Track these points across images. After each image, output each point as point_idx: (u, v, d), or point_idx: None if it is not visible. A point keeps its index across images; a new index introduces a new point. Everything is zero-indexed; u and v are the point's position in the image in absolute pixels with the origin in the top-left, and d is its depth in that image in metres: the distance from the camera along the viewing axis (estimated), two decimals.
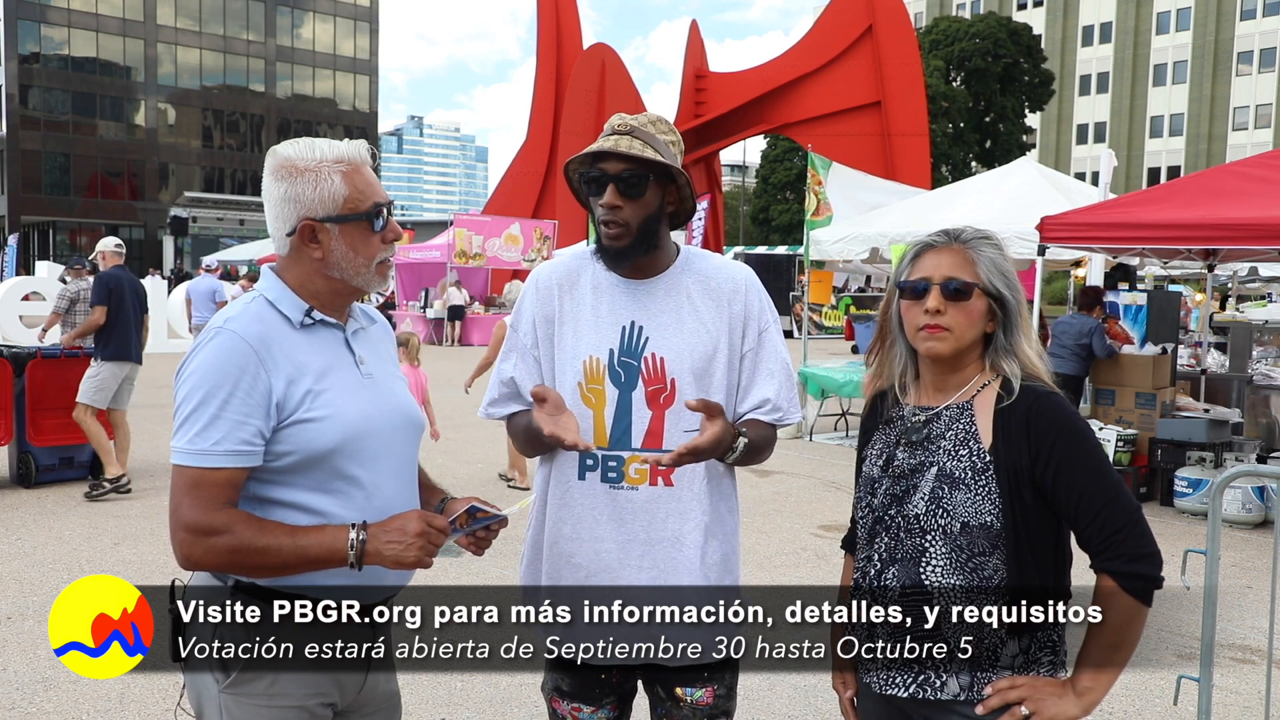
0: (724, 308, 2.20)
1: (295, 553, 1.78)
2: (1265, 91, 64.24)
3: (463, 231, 24.68)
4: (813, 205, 12.21)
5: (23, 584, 5.65)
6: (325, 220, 1.89)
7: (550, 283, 2.24)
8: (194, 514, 1.78)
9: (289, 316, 1.92)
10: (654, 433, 2.13)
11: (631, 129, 2.13)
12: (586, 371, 2.16)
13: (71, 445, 8.15)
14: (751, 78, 39.24)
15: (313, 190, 1.88)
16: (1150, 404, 8.45)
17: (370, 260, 1.93)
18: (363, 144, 1.96)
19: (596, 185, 2.12)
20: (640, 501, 2.13)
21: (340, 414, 1.88)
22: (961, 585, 1.84)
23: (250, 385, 1.82)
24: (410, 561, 1.78)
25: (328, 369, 1.91)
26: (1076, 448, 1.83)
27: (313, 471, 1.87)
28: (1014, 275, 1.95)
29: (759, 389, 2.20)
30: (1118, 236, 8.01)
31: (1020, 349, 1.92)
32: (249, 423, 1.81)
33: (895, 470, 1.94)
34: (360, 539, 1.78)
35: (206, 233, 48.11)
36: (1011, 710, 1.81)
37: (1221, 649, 4.89)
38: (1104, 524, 1.80)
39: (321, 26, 64.41)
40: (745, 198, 59.21)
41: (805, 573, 6.10)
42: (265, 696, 1.85)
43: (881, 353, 2.04)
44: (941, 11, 72.34)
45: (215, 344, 1.85)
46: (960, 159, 54.26)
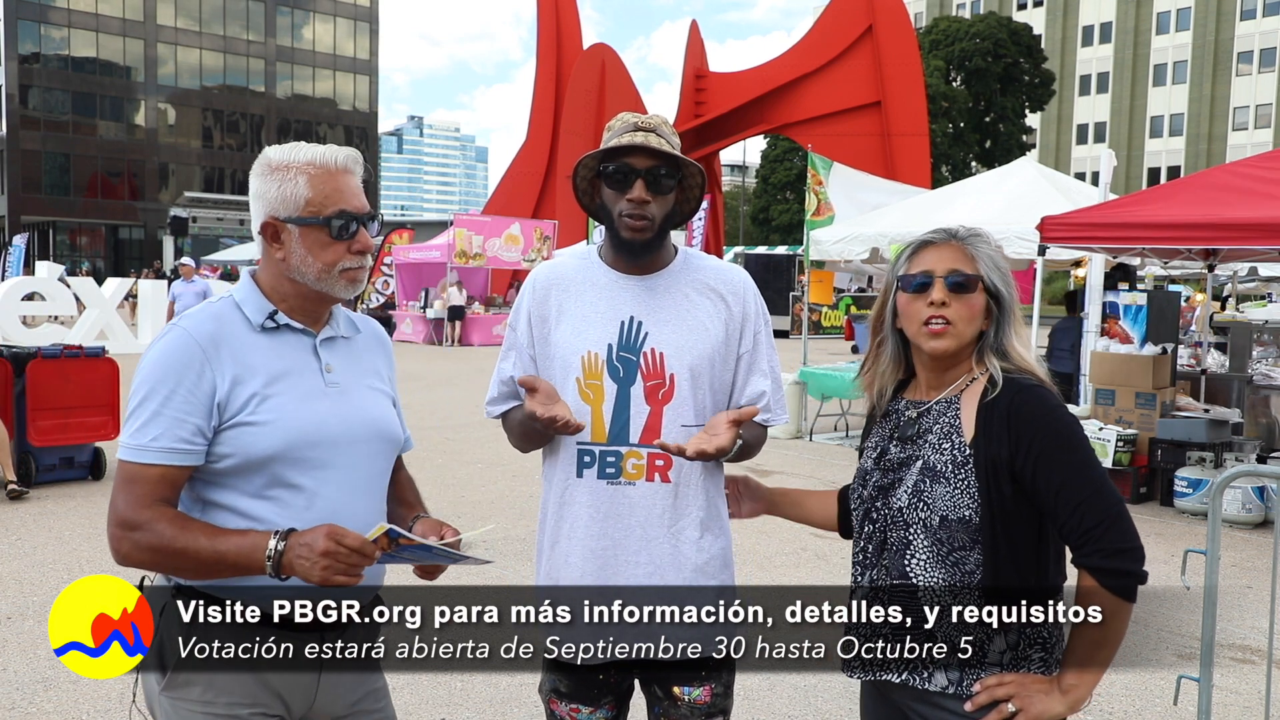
0: (723, 308, 2.22)
1: (212, 555, 1.76)
2: (1265, 91, 64.24)
3: (463, 231, 24.66)
4: (813, 205, 12.22)
5: (23, 584, 5.65)
6: (286, 220, 1.89)
7: (548, 282, 2.25)
8: (124, 508, 1.79)
9: (250, 318, 1.91)
10: (652, 428, 2.14)
11: (654, 127, 2.16)
12: (585, 366, 2.16)
13: (71, 445, 8.15)
14: (751, 78, 39.23)
15: (277, 189, 1.89)
16: (1150, 404, 8.44)
17: (331, 266, 1.90)
18: (349, 152, 1.94)
19: (620, 180, 2.13)
20: (637, 497, 2.14)
21: (285, 420, 1.86)
22: (943, 580, 1.85)
23: (194, 384, 1.81)
24: (316, 580, 1.71)
25: (282, 374, 1.89)
26: (1057, 440, 1.82)
27: (252, 476, 1.85)
28: (1010, 273, 1.96)
29: (752, 390, 2.23)
30: (1118, 236, 8.01)
31: (1012, 345, 1.93)
32: (188, 420, 1.81)
33: (886, 463, 1.96)
34: (279, 549, 1.74)
35: (206, 233, 48.11)
36: (999, 708, 1.81)
37: (1221, 649, 4.89)
38: (1083, 518, 1.79)
39: (322, 27, 64.43)
40: (745, 198, 59.21)
41: (805, 573, 6.10)
42: (200, 703, 1.84)
43: (873, 352, 2.05)
44: (941, 11, 72.34)
45: (165, 341, 1.86)
46: (960, 159, 54.26)
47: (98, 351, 8.50)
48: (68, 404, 7.76)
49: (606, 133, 2.21)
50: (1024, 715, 1.80)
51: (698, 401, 2.17)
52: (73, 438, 8.05)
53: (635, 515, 2.14)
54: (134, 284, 22.44)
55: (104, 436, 8.31)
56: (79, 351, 8.27)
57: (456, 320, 23.94)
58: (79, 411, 8.09)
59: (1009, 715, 1.80)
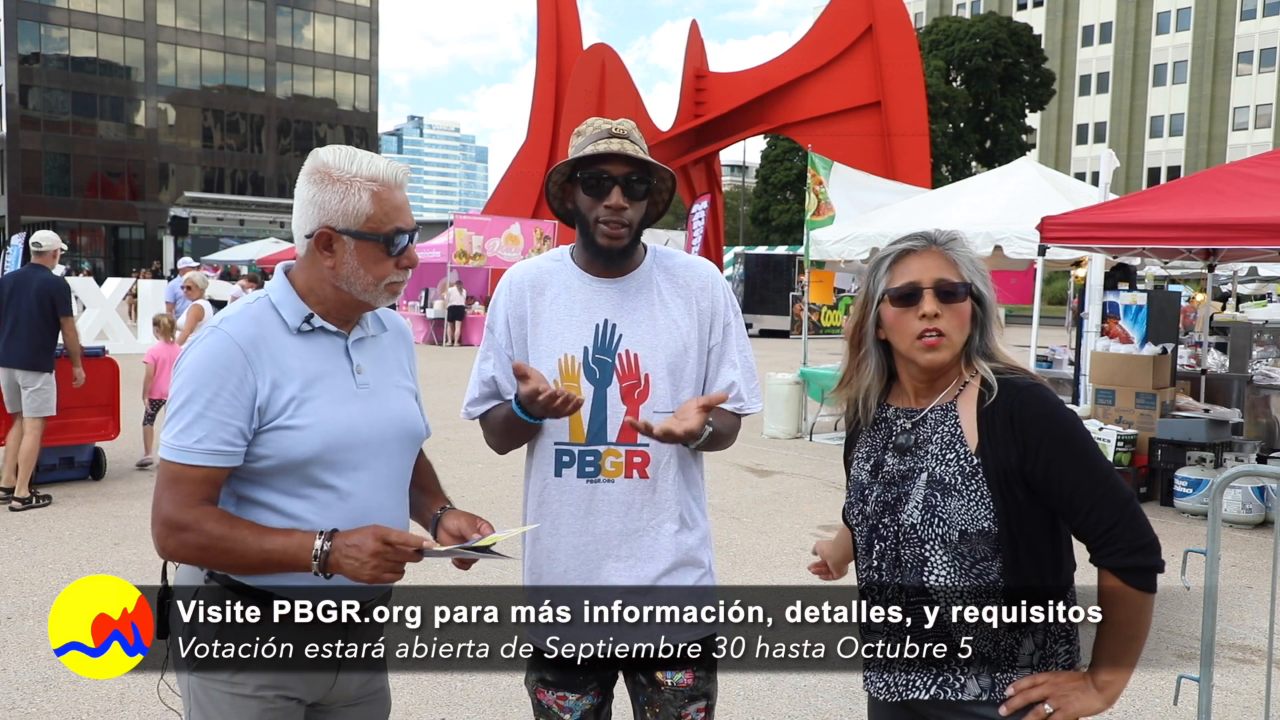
0: (693, 304, 2.26)
1: (259, 555, 1.81)
2: (1265, 91, 64.22)
3: (463, 231, 24.68)
4: (813, 205, 12.21)
5: (23, 584, 5.65)
6: (344, 233, 1.91)
7: (523, 283, 2.28)
8: (170, 508, 1.83)
9: (287, 321, 1.94)
10: (629, 427, 2.16)
11: (626, 133, 2.19)
12: (561, 369, 2.20)
13: (71, 445, 8.15)
14: (751, 78, 39.23)
15: (339, 201, 1.90)
16: (1150, 404, 8.44)
17: (379, 280, 1.94)
18: (403, 167, 1.96)
19: (597, 186, 2.16)
20: (616, 494, 2.19)
21: (322, 424, 1.90)
22: (966, 588, 1.84)
23: (237, 387, 1.85)
24: (367, 579, 1.79)
25: (318, 377, 1.93)
26: (1064, 441, 1.82)
27: (289, 477, 1.89)
28: (987, 272, 1.95)
29: (723, 379, 2.27)
30: (1118, 236, 8.01)
31: (996, 346, 1.92)
32: (231, 423, 1.84)
33: (885, 476, 1.93)
34: (324, 549, 1.80)
35: (206, 233, 48.06)
36: (1035, 709, 1.80)
37: (1221, 649, 4.89)
38: (1099, 519, 1.79)
39: (322, 27, 64.40)
40: (745, 198, 59.19)
41: (805, 573, 6.07)
42: (228, 684, 1.89)
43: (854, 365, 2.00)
44: (941, 11, 72.33)
45: (207, 343, 1.89)
46: (960, 159, 54.23)
47: (98, 351, 8.50)
48: (68, 404, 7.75)
49: (576, 138, 2.23)
50: (1061, 714, 1.80)
51: (674, 398, 2.21)
52: (73, 438, 8.05)
53: (615, 511, 2.18)
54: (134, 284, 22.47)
55: (104, 436, 8.32)
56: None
57: (456, 320, 23.95)
58: (79, 411, 8.09)
59: (1045, 716, 1.80)
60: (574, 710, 2.21)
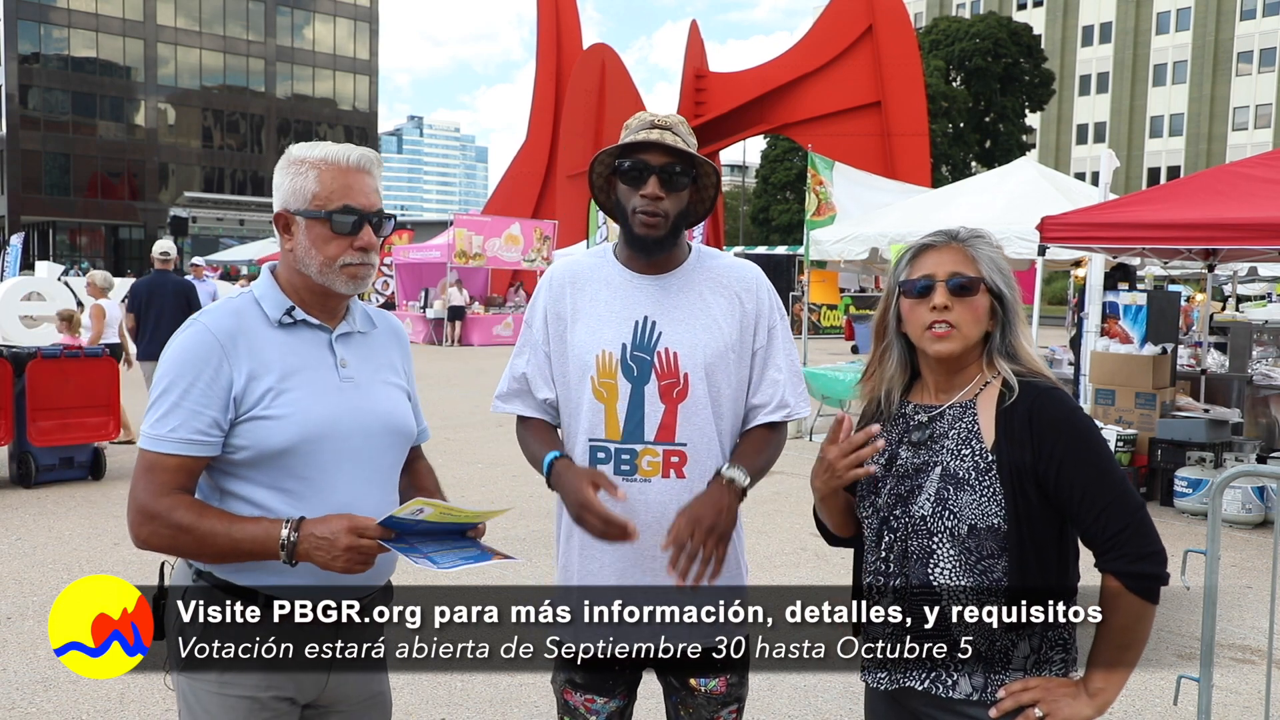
0: (736, 305, 2.23)
1: (229, 542, 1.83)
2: (1265, 91, 64.22)
3: (463, 231, 24.67)
4: (813, 205, 12.22)
5: (23, 584, 5.65)
6: (296, 213, 1.95)
7: (563, 280, 2.27)
8: (144, 497, 1.86)
9: (268, 314, 1.96)
10: (667, 426, 2.15)
11: (670, 125, 2.18)
12: (599, 365, 2.18)
13: (71, 445, 8.15)
14: (751, 78, 39.21)
15: (290, 182, 1.95)
16: (1150, 404, 8.44)
17: (332, 260, 1.95)
18: (364, 151, 1.98)
19: (635, 176, 2.14)
20: (653, 493, 2.16)
21: (300, 415, 1.91)
22: (970, 587, 1.84)
23: (212, 378, 1.87)
24: (339, 569, 1.81)
25: (297, 369, 1.94)
26: (1079, 445, 1.82)
27: (266, 468, 1.91)
28: (1011, 274, 1.96)
29: (768, 384, 2.24)
30: (1118, 236, 8.01)
31: (1020, 346, 1.93)
32: (205, 413, 1.87)
33: (899, 470, 1.93)
34: (291, 539, 1.81)
35: (206, 233, 48.08)
36: (1025, 712, 1.80)
37: (1221, 649, 4.89)
38: (1108, 523, 1.79)
39: (322, 27, 64.42)
40: (745, 198, 59.20)
41: (805, 573, 6.10)
42: (217, 684, 1.89)
43: (877, 357, 2.03)
44: (941, 11, 72.33)
45: (185, 336, 1.92)
46: (960, 159, 54.23)
47: (97, 352, 8.51)
48: (68, 404, 7.76)
49: (624, 131, 2.22)
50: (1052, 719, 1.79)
51: (713, 399, 2.18)
52: (73, 438, 8.05)
53: (651, 511, 2.15)
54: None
55: (104, 436, 8.32)
56: (79, 351, 8.27)
57: (456, 320, 23.95)
58: (79, 411, 8.10)
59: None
60: (601, 712, 2.22)
